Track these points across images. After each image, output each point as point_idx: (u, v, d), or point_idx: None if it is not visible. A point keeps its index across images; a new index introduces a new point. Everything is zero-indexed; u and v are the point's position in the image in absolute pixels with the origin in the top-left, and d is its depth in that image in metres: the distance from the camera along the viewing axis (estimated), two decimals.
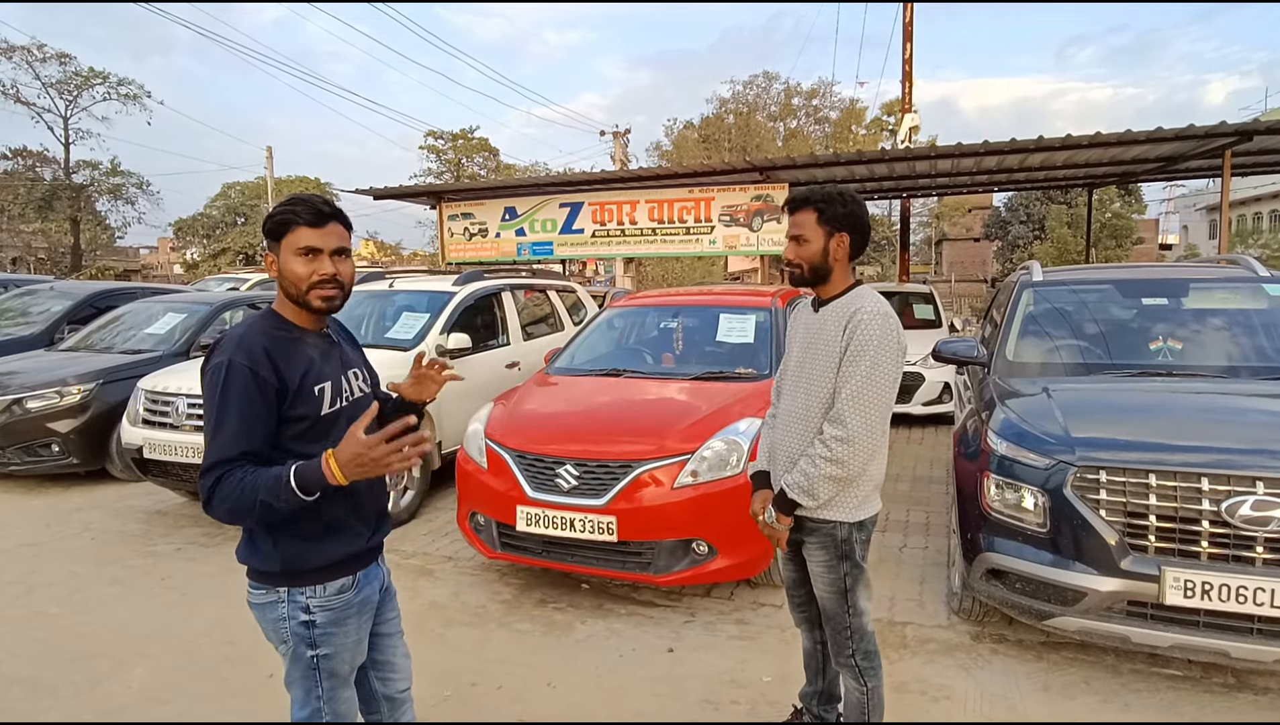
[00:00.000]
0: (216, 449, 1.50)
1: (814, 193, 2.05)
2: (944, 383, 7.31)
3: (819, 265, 2.04)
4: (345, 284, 1.66)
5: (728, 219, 10.04)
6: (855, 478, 1.99)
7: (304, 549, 1.62)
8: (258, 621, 1.68)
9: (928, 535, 4.43)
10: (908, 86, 12.95)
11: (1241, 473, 2.45)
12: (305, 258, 1.59)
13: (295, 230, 1.59)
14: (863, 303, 1.99)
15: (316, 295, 1.61)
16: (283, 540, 1.61)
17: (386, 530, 1.82)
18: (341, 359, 1.74)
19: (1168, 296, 4.00)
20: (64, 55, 28.85)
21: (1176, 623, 2.52)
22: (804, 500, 1.99)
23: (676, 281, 27.17)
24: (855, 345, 1.94)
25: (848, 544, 2.04)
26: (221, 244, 36.61)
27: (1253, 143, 8.40)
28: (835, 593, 2.07)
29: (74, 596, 3.75)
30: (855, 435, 1.92)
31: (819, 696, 2.38)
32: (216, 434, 1.51)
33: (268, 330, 1.61)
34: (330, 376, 1.65)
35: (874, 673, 2.11)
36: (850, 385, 1.93)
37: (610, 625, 3.35)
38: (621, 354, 4.94)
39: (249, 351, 1.54)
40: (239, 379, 1.52)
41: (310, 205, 1.61)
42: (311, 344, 1.66)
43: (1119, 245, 29.20)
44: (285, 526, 1.59)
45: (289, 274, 1.60)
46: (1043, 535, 2.72)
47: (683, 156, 31.94)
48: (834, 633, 2.12)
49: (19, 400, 5.47)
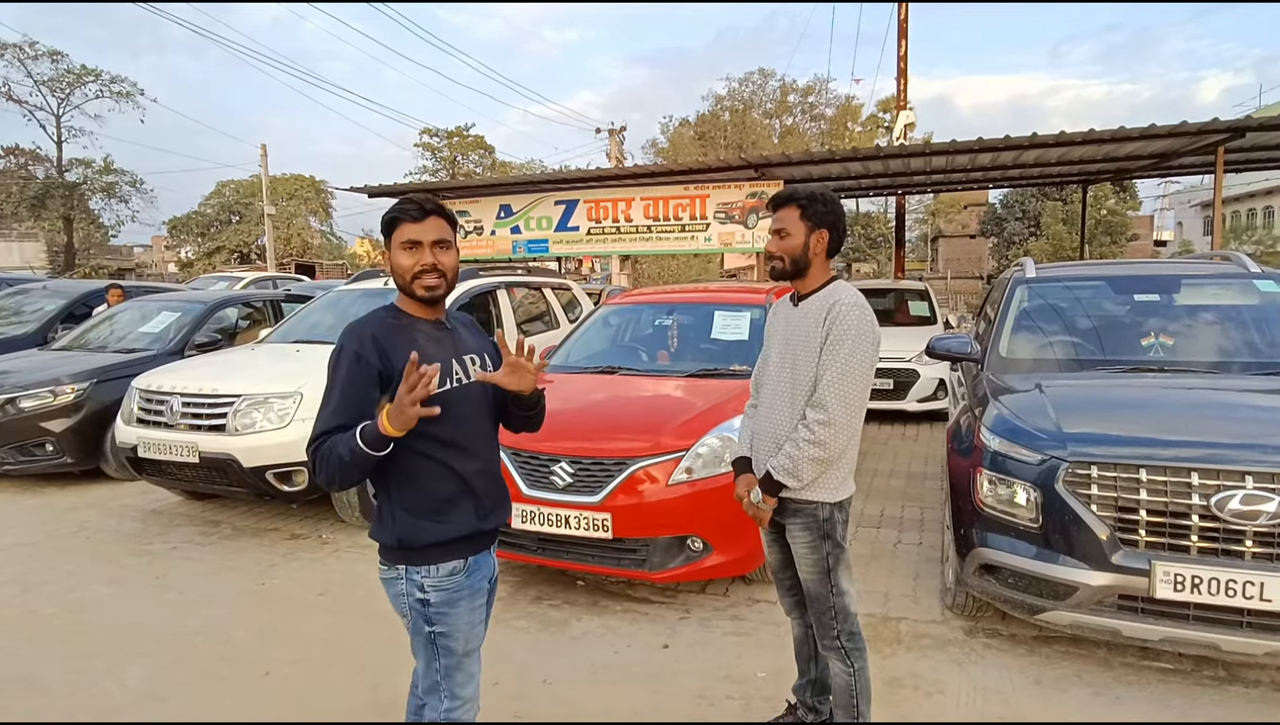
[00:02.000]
0: (320, 423, 1.67)
1: (797, 191, 2.18)
2: (939, 379, 7.33)
3: (799, 258, 2.16)
4: (447, 272, 1.77)
5: (723, 216, 10.04)
6: (836, 459, 2.09)
7: (415, 525, 1.73)
8: (387, 596, 1.81)
9: (922, 531, 4.45)
10: (903, 84, 12.96)
11: (1231, 467, 2.47)
12: (408, 250, 1.74)
13: (401, 226, 1.74)
14: (840, 296, 2.11)
15: (419, 284, 1.74)
16: (399, 516, 1.74)
17: (502, 517, 1.89)
18: (455, 345, 1.84)
19: (1160, 292, 4.02)
20: (56, 53, 28.75)
21: (1167, 616, 2.53)
22: (789, 481, 2.09)
23: (672, 279, 27.18)
24: (835, 335, 2.05)
25: (829, 523, 2.14)
26: (216, 242, 36.45)
27: (1245, 139, 8.43)
28: (819, 573, 2.16)
29: (69, 596, 3.75)
30: (836, 418, 2.02)
31: (812, 687, 2.42)
32: (322, 410, 1.69)
33: (382, 319, 1.77)
34: (439, 359, 1.72)
35: (859, 654, 2.19)
36: (831, 371, 2.04)
37: (606, 622, 3.36)
38: (616, 351, 4.94)
39: (358, 337, 1.71)
40: (345, 362, 1.69)
41: (413, 203, 1.75)
42: (422, 331, 1.78)
43: (1114, 242, 29.27)
44: (400, 501, 1.74)
45: (396, 266, 1.76)
46: (1035, 530, 2.73)
47: (678, 154, 31.94)
48: (819, 614, 2.20)
49: (12, 400, 5.46)
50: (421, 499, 1.74)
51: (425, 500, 1.74)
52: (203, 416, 4.56)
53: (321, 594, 3.73)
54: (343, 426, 1.64)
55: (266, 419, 4.43)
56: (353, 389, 1.68)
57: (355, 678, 2.93)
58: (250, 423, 4.44)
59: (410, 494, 1.74)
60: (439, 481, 1.74)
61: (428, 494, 1.74)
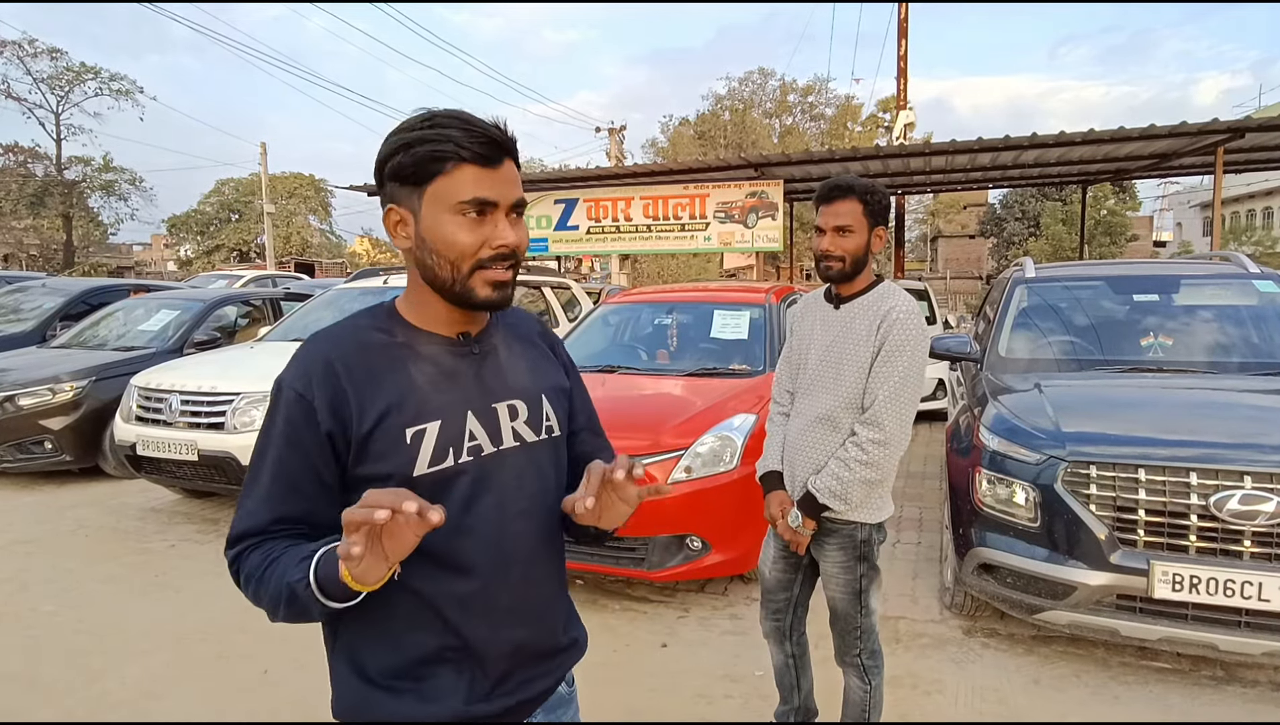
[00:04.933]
0: (242, 516, 0.99)
1: (858, 183, 1.92)
2: (938, 379, 7.33)
3: (861, 259, 1.95)
4: (521, 262, 1.05)
5: (723, 215, 10.05)
6: (886, 479, 1.95)
7: (364, 697, 1.02)
8: None
9: (921, 531, 4.46)
10: (903, 84, 12.97)
11: (1229, 467, 2.47)
12: (472, 218, 0.97)
13: (454, 170, 0.96)
14: (896, 301, 1.93)
15: (486, 278, 1.00)
16: (339, 673, 1.05)
17: (526, 694, 1.10)
18: (486, 383, 1.07)
19: (1159, 293, 4.02)
20: (55, 50, 28.72)
21: (1165, 616, 2.54)
22: (836, 505, 1.92)
23: (672, 278, 27.19)
24: (891, 345, 1.87)
25: (867, 545, 2.01)
26: (215, 240, 36.47)
27: (1245, 140, 8.45)
28: (850, 594, 2.03)
29: (68, 593, 3.74)
30: (892, 437, 1.87)
31: (796, 713, 2.32)
32: (247, 492, 1.00)
33: (358, 332, 1.03)
34: (443, 413, 1.01)
35: (878, 671, 2.10)
36: (888, 386, 1.87)
37: (604, 621, 3.36)
38: (616, 350, 4.94)
39: (306, 368, 0.99)
40: (282, 409, 0.99)
41: (476, 132, 0.96)
42: (427, 358, 1.03)
43: (1114, 242, 29.30)
44: (347, 646, 1.04)
45: (441, 243, 0.98)
46: (1034, 530, 2.73)
47: (678, 153, 31.93)
48: (842, 632, 2.08)
49: (11, 397, 5.45)
50: (381, 650, 1.02)
51: (386, 654, 1.02)
52: (202, 414, 4.56)
53: None
54: (283, 520, 0.97)
55: None
56: (292, 456, 0.97)
57: None
58: (249, 421, 4.43)
59: (365, 638, 1.02)
60: (412, 628, 1.01)
61: (389, 639, 1.01)
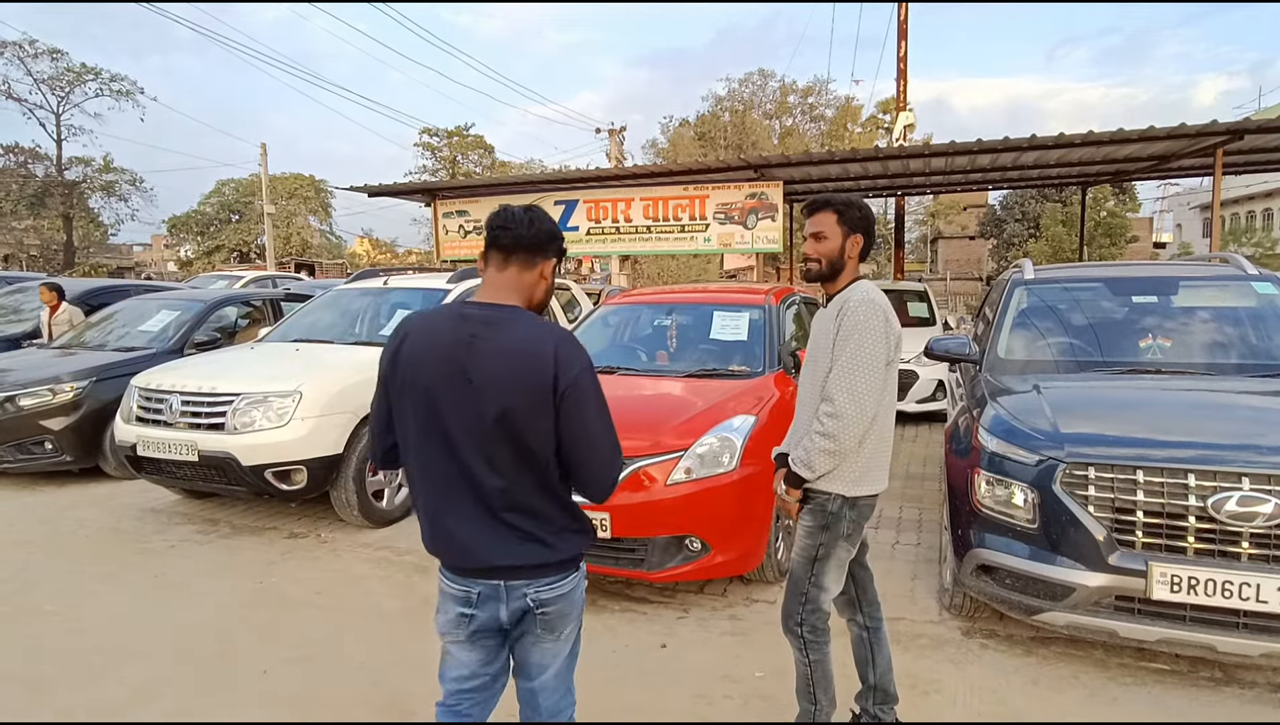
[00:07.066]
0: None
1: (834, 197, 2.29)
2: (938, 381, 7.34)
3: (836, 261, 2.24)
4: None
5: (722, 217, 10.05)
6: (848, 452, 2.12)
7: None
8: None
9: (920, 532, 4.46)
10: (902, 85, 12.98)
11: (1227, 468, 2.48)
12: None
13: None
14: (854, 293, 2.18)
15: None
16: None
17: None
18: None
19: (1158, 294, 4.03)
20: (56, 51, 28.76)
21: (1164, 617, 2.54)
22: (804, 473, 2.15)
23: (672, 279, 27.18)
24: (843, 330, 2.12)
25: (834, 517, 2.17)
26: (215, 241, 36.47)
27: (1244, 141, 8.45)
28: (805, 558, 2.21)
29: (68, 593, 3.75)
30: (843, 411, 2.07)
31: (873, 694, 2.40)
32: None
33: None
34: None
35: (818, 647, 2.22)
36: (839, 365, 2.10)
37: (604, 621, 3.36)
38: (616, 351, 4.94)
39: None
40: None
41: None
42: None
43: (1113, 243, 29.28)
44: None
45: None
46: (1032, 531, 2.74)
47: (678, 154, 31.97)
48: (790, 595, 2.24)
49: (12, 398, 5.46)
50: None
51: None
52: (202, 415, 4.56)
53: (320, 593, 3.73)
54: None
55: (265, 418, 4.43)
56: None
57: (354, 677, 2.93)
58: (249, 421, 4.44)
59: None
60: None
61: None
